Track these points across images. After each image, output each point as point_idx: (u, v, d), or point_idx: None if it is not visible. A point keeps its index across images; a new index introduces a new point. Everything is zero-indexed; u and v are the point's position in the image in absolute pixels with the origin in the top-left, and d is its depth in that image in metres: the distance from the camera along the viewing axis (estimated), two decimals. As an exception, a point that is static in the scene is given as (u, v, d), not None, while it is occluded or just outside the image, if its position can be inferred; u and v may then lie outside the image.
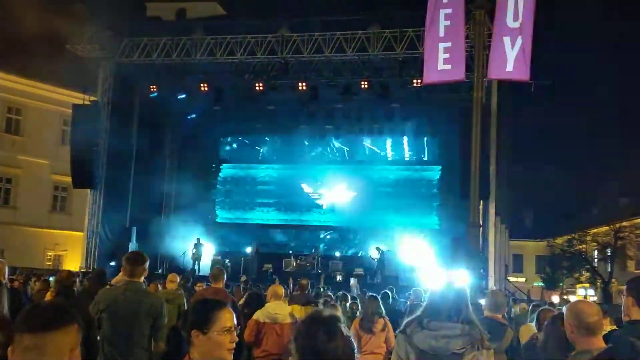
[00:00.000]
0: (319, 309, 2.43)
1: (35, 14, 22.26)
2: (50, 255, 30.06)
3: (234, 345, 2.84)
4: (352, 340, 2.29)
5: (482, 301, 6.38)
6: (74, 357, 2.04)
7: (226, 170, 29.66)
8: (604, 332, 3.62)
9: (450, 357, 3.71)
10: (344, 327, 2.28)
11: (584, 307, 3.48)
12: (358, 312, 9.72)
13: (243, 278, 20.78)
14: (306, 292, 9.16)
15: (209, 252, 25.45)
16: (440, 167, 26.87)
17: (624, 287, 4.27)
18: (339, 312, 6.75)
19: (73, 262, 26.08)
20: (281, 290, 7.60)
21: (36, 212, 29.16)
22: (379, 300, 8.21)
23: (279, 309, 7.24)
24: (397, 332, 4.12)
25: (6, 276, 5.97)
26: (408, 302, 12.31)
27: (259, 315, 7.26)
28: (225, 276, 7.83)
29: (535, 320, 6.38)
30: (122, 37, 23.04)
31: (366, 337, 7.56)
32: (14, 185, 29.61)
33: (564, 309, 3.63)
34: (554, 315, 4.95)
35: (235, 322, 2.88)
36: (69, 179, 23.71)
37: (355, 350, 2.23)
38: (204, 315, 2.82)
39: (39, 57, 25.86)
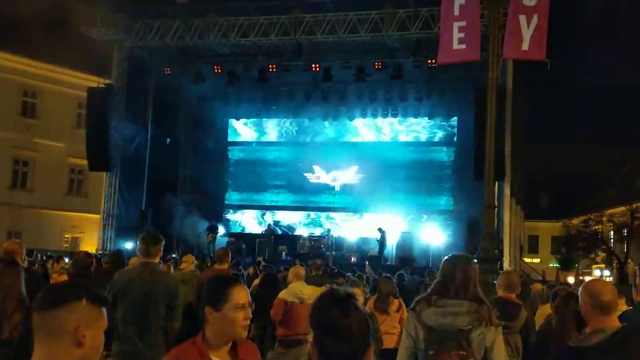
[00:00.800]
0: (334, 287, 2.44)
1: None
2: (67, 238, 30.37)
3: (248, 321, 2.84)
4: (370, 317, 2.29)
5: (494, 281, 6.38)
6: (81, 335, 1.99)
7: (238, 152, 29.72)
8: (618, 312, 3.61)
9: (457, 333, 3.73)
10: (359, 304, 2.28)
11: (598, 286, 3.48)
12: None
13: (260, 259, 20.96)
14: (320, 272, 9.20)
15: (222, 234, 25.63)
16: (454, 148, 26.75)
17: (637, 268, 4.30)
18: (359, 291, 6.79)
19: (90, 244, 26.32)
20: (302, 270, 7.71)
21: (53, 194, 29.42)
22: (394, 281, 8.24)
23: (303, 288, 7.32)
24: (408, 309, 4.15)
25: (24, 258, 6.04)
26: (423, 283, 12.36)
27: (285, 295, 7.33)
28: (230, 257, 7.83)
29: (551, 299, 6.37)
30: (135, 20, 23.07)
31: (381, 317, 7.59)
32: (31, 169, 29.86)
33: (580, 289, 3.63)
34: (567, 294, 4.95)
35: (250, 298, 2.88)
36: (84, 162, 23.88)
37: (371, 327, 2.23)
38: (217, 292, 2.83)
39: (54, 40, 25.96)
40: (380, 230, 23.48)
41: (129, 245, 21.74)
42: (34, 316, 2.04)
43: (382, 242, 23.24)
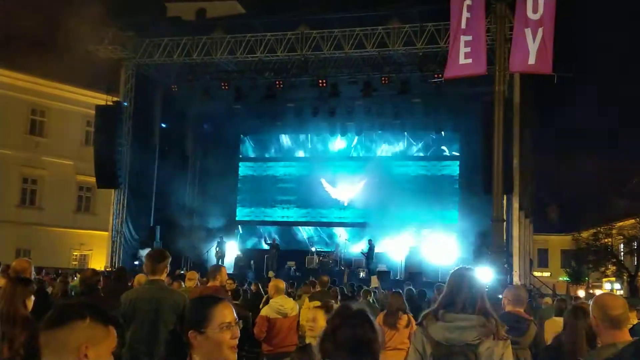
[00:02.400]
0: (346, 304, 2.42)
1: (56, 16, 22.52)
2: (76, 255, 30.43)
3: (237, 341, 2.61)
4: (381, 333, 2.29)
5: (500, 296, 6.31)
6: (83, 354, 2.00)
7: (247, 169, 29.78)
8: (629, 326, 3.58)
9: (464, 347, 3.71)
10: (373, 321, 2.28)
11: (609, 300, 3.45)
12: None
13: (271, 274, 20.95)
14: (326, 288, 9.17)
15: (232, 250, 25.61)
16: (462, 162, 26.69)
17: None
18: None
19: (98, 262, 26.37)
20: (282, 284, 7.69)
21: (61, 212, 29.54)
22: (403, 296, 8.19)
23: (284, 303, 7.31)
24: (416, 325, 4.13)
25: (32, 275, 6.05)
26: (432, 298, 12.28)
27: (267, 311, 7.31)
28: (222, 274, 7.63)
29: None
30: (143, 37, 23.24)
31: (390, 332, 7.53)
32: (40, 186, 30.01)
33: (590, 303, 3.60)
34: (575, 307, 4.91)
35: (236, 316, 2.66)
36: (93, 179, 23.99)
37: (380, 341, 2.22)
38: (199, 313, 2.61)
39: (62, 59, 26.15)
40: (369, 242, 23.55)
41: (137, 262, 21.75)
42: (40, 335, 2.05)
43: (369, 255, 23.29)
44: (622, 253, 41.73)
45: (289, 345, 6.96)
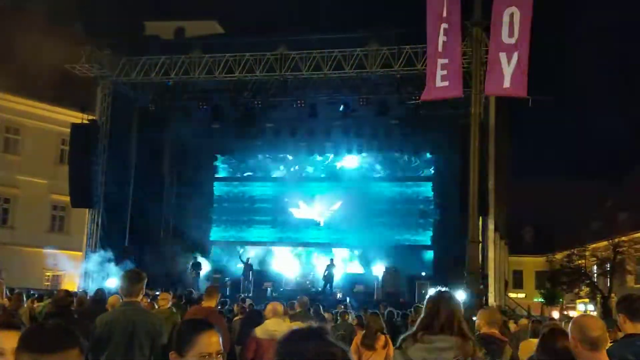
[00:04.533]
0: (311, 324, 2.41)
1: (33, 34, 22.39)
2: (48, 276, 29.91)
3: None
4: (344, 352, 2.26)
5: (475, 318, 6.33)
6: None
7: (223, 188, 29.65)
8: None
9: None
10: (329, 338, 2.25)
11: (587, 322, 3.49)
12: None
13: (242, 297, 20.73)
14: (306, 309, 9.13)
15: (207, 271, 25.40)
16: (438, 184, 26.83)
17: (615, 306, 4.37)
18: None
19: (72, 282, 25.94)
20: (280, 307, 7.60)
21: (34, 232, 29.05)
22: (380, 317, 8.19)
23: (277, 326, 7.24)
24: (394, 348, 4.15)
25: (4, 295, 5.94)
26: (409, 319, 12.28)
27: (258, 332, 7.27)
28: (219, 294, 7.68)
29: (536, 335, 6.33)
30: (120, 56, 23.16)
31: (367, 353, 7.53)
32: (12, 205, 29.53)
33: (569, 324, 3.63)
34: (550, 329, 4.93)
35: (222, 347, 2.62)
36: (67, 199, 23.68)
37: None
38: (183, 337, 2.59)
39: (38, 76, 25.95)
40: (331, 260, 23.48)
41: (111, 283, 21.43)
42: (23, 356, 2.00)
43: (327, 277, 23.18)
44: (595, 274, 42.19)
45: None
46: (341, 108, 23.25)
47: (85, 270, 23.28)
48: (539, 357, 4.33)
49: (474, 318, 6.39)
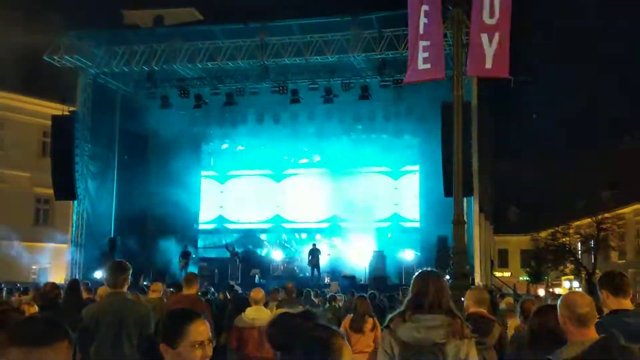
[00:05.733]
0: (298, 308, 2.45)
1: (11, 26, 22.07)
2: (34, 269, 29.71)
3: None
4: (335, 329, 2.30)
5: (463, 298, 6.41)
6: None
7: (207, 176, 29.57)
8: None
9: (432, 347, 3.79)
10: (312, 322, 2.29)
11: (575, 298, 3.53)
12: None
13: (232, 284, 20.79)
14: (293, 295, 9.17)
15: (195, 259, 25.39)
16: (422, 166, 26.92)
17: (597, 282, 4.44)
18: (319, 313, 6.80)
19: (58, 275, 25.81)
20: (259, 294, 7.64)
21: (19, 225, 28.78)
22: (368, 300, 8.25)
23: (256, 314, 7.29)
24: (382, 327, 4.19)
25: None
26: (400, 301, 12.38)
27: (238, 321, 7.32)
28: (198, 282, 7.67)
29: (519, 312, 6.43)
30: (100, 46, 22.93)
31: (356, 336, 7.60)
32: (-5, 200, 29.24)
33: (555, 301, 3.68)
34: (540, 308, 4.99)
35: (210, 334, 2.64)
36: (51, 191, 23.46)
37: (337, 337, 2.22)
38: (173, 328, 2.59)
39: (17, 69, 25.62)
40: (312, 247, 23.52)
41: (98, 274, 21.38)
42: (11, 349, 2.00)
43: (313, 261, 23.18)
44: (579, 252, 42.70)
45: (259, 358, 6.92)
46: (323, 93, 23.20)
47: (71, 263, 23.16)
48: (530, 333, 4.39)
49: (462, 299, 6.46)
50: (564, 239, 42.61)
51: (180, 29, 24.44)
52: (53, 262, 28.99)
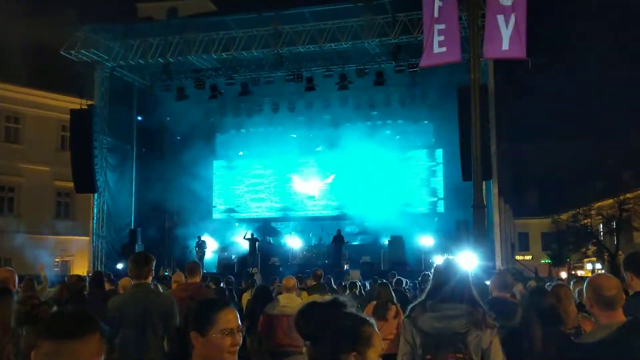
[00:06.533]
0: (328, 296, 2.46)
1: (27, 22, 22.24)
2: (57, 262, 30.09)
3: (236, 348, 2.66)
4: (365, 318, 2.32)
5: (488, 282, 6.38)
6: None
7: (223, 166, 29.66)
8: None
9: (453, 337, 3.76)
10: (343, 310, 2.30)
11: (602, 281, 3.47)
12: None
13: (255, 270, 20.93)
14: (321, 281, 9.18)
15: (212, 248, 25.56)
16: (440, 151, 26.80)
17: (621, 264, 4.39)
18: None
19: (81, 267, 26.12)
20: (292, 281, 7.64)
21: (41, 219, 29.16)
22: (390, 287, 8.26)
23: (287, 301, 7.30)
24: (404, 317, 4.18)
25: (16, 285, 5.98)
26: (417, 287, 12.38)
27: (269, 308, 7.34)
28: (201, 270, 7.70)
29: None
30: (115, 39, 23.02)
31: (379, 323, 7.56)
32: (17, 194, 29.61)
33: (577, 284, 3.66)
34: (532, 289, 4.99)
35: (239, 323, 2.69)
36: (71, 184, 23.71)
37: (366, 326, 2.24)
38: (203, 316, 2.66)
39: (34, 64, 25.84)
40: (337, 234, 23.54)
41: (120, 265, 21.61)
42: (44, 343, 2.01)
43: (335, 249, 23.15)
44: (601, 233, 42.32)
45: (289, 345, 6.95)
46: (338, 80, 23.13)
47: (93, 255, 23.42)
48: (525, 314, 4.39)
49: (487, 282, 6.44)
50: (585, 221, 42.24)
51: (194, 20, 24.46)
52: (75, 255, 29.34)
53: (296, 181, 28.50)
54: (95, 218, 23.63)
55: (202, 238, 25.03)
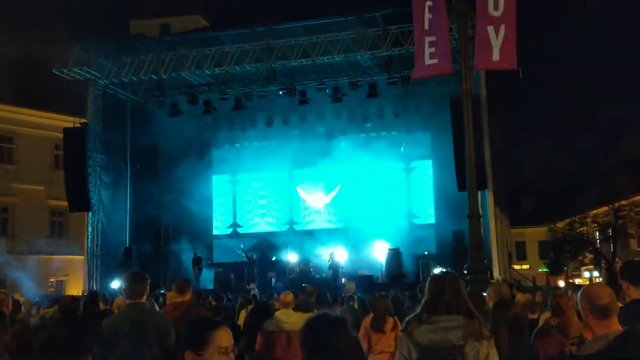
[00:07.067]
0: (326, 311, 2.43)
1: (19, 41, 22.26)
2: (52, 282, 29.93)
3: None
4: (360, 341, 2.32)
5: (485, 294, 6.36)
6: None
7: (220, 181, 29.60)
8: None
9: (451, 349, 3.74)
10: (349, 327, 2.29)
11: (595, 290, 3.47)
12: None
13: (252, 286, 20.81)
14: (312, 298, 9.12)
15: (210, 265, 25.46)
16: (434, 161, 26.78)
17: (618, 272, 4.38)
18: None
19: (76, 287, 25.99)
20: (289, 297, 7.56)
21: (35, 239, 29.01)
22: (388, 299, 8.22)
23: (285, 317, 7.23)
24: (400, 331, 4.14)
25: (9, 307, 5.92)
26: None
27: (268, 324, 7.27)
28: (190, 287, 7.61)
29: (549, 306, 6.37)
30: (108, 57, 23.04)
31: (377, 336, 7.55)
32: (10, 214, 29.51)
33: (575, 293, 3.65)
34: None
35: (233, 342, 2.70)
36: (65, 203, 23.61)
37: (363, 351, 2.24)
38: (198, 335, 2.65)
39: (27, 83, 25.84)
40: (330, 256, 23.39)
41: (115, 284, 21.47)
42: None
43: (334, 268, 23.06)
44: (598, 240, 42.31)
45: None
46: (331, 93, 23.20)
47: (88, 274, 23.27)
48: (493, 323, 4.39)
49: (484, 294, 6.42)
50: (581, 229, 42.26)
51: (187, 37, 24.51)
52: (70, 274, 29.20)
53: (295, 194, 28.40)
54: (89, 237, 23.50)
55: (199, 255, 24.91)
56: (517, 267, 41.17)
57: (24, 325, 5.37)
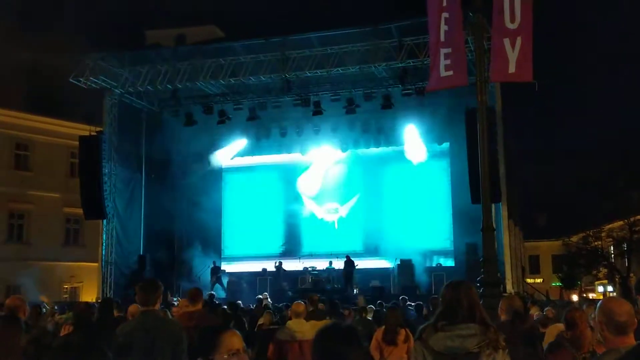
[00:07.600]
0: (336, 321, 2.45)
1: (36, 50, 22.53)
2: (66, 288, 30.10)
3: None
4: (371, 352, 2.34)
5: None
6: None
7: (233, 192, 29.53)
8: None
9: (466, 356, 3.72)
10: (360, 338, 2.30)
11: (614, 306, 3.44)
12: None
13: (264, 296, 20.80)
14: (318, 307, 9.11)
15: (224, 275, 25.49)
16: (448, 173, 26.66)
17: (634, 286, 4.34)
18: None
19: (90, 294, 26.11)
20: (301, 307, 7.56)
21: (50, 246, 29.24)
22: (399, 310, 8.19)
23: (297, 327, 7.23)
24: (414, 339, 4.13)
25: (26, 313, 5.97)
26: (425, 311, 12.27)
27: (280, 333, 7.28)
28: (202, 296, 7.64)
29: (563, 319, 6.32)
30: (124, 66, 23.24)
31: (388, 348, 7.52)
32: (26, 221, 29.76)
33: (590, 307, 3.63)
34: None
35: (244, 344, 2.76)
36: (80, 211, 23.78)
37: None
38: (208, 341, 2.71)
39: (44, 92, 26.12)
40: (346, 259, 23.32)
41: (129, 292, 21.53)
42: None
43: (347, 274, 22.98)
44: (612, 255, 41.94)
45: None
46: (345, 104, 23.22)
47: (102, 281, 23.39)
48: (507, 336, 4.37)
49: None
50: (596, 243, 41.91)
51: (202, 47, 24.66)
52: (84, 281, 29.35)
53: (310, 208, 28.22)
54: (104, 244, 23.63)
55: (217, 264, 25.00)
56: (530, 280, 40.89)
57: (41, 330, 5.40)
